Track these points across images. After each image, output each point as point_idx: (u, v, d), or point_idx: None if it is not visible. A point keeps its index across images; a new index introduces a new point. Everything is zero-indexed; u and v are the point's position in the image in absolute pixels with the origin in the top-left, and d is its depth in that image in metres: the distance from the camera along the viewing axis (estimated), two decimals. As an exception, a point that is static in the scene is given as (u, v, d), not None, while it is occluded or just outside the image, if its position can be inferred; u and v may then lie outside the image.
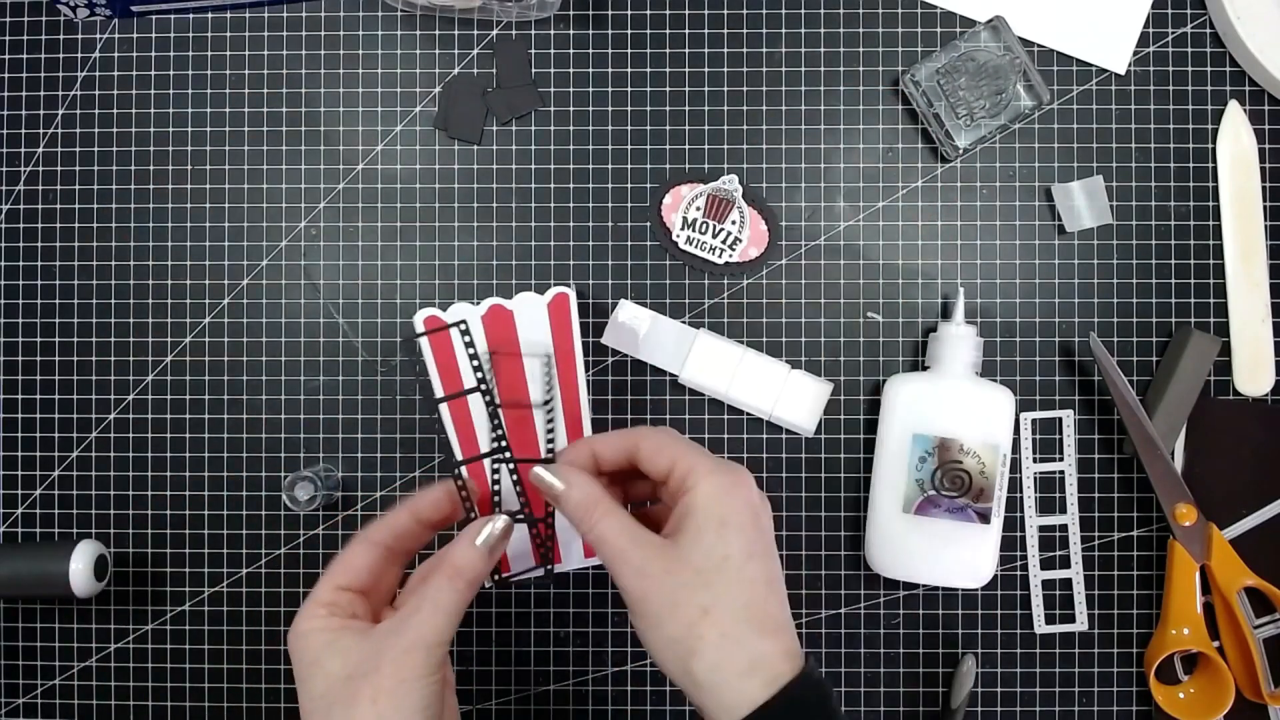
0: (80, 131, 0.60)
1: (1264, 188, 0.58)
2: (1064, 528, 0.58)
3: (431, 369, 0.54)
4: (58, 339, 0.60)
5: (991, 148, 0.59)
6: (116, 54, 0.60)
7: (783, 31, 0.59)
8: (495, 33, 0.59)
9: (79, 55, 0.60)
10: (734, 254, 0.58)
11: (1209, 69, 0.58)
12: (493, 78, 0.59)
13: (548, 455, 0.52)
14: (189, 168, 0.60)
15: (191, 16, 0.59)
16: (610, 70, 0.59)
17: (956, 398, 0.55)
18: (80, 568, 0.54)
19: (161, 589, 0.59)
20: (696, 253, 0.58)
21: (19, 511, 0.59)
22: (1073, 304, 0.59)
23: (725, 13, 0.59)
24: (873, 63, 0.59)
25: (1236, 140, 0.58)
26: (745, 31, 0.59)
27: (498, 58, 0.59)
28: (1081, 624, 0.58)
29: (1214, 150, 0.58)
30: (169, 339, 0.59)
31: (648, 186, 0.59)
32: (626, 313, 0.57)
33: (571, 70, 0.59)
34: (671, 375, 0.58)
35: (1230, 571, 0.56)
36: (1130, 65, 0.58)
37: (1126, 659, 0.58)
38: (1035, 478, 0.58)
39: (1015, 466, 0.58)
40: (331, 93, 0.59)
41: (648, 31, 0.59)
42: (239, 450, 0.59)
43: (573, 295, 0.54)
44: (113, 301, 0.59)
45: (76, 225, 0.60)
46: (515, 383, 0.54)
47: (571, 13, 0.59)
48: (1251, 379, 0.58)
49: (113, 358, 0.59)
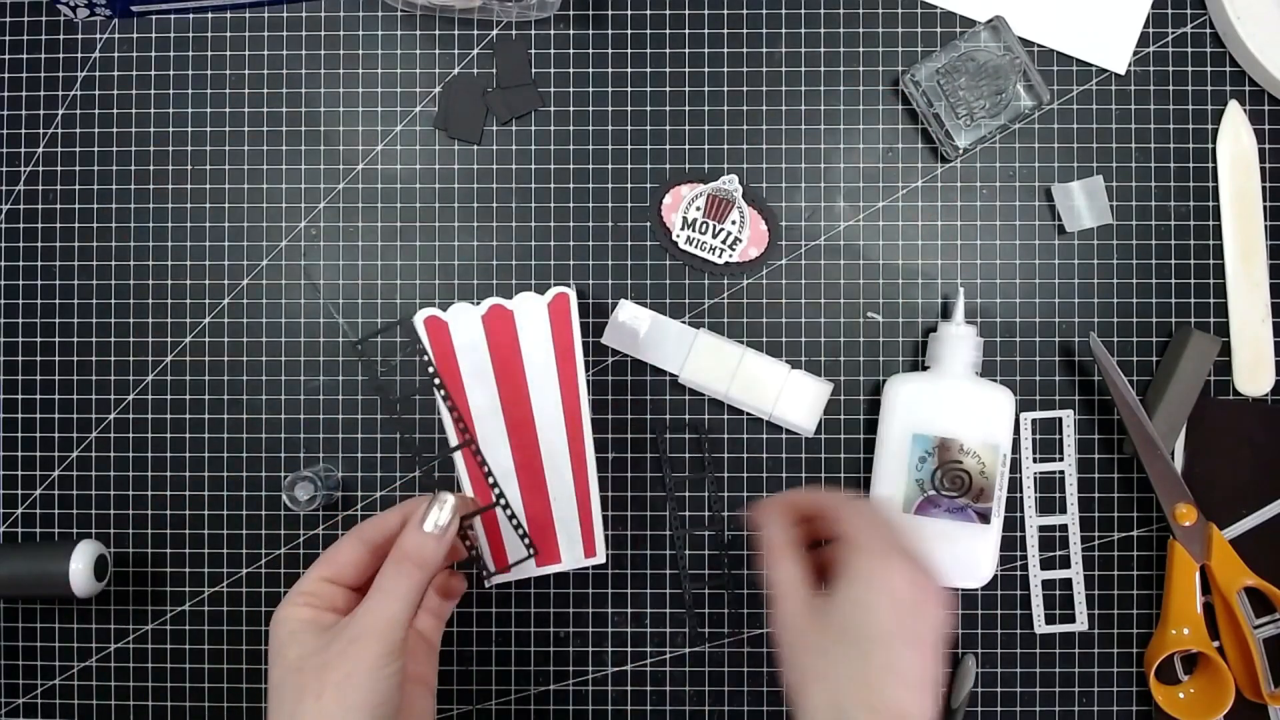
0: (80, 131, 0.60)
1: (1264, 188, 0.58)
2: (1064, 528, 0.58)
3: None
4: (58, 339, 0.60)
5: (991, 148, 0.59)
6: (116, 54, 0.60)
7: (783, 31, 0.59)
8: (495, 33, 0.59)
9: (79, 55, 0.60)
10: (734, 254, 0.58)
11: (1209, 69, 0.58)
12: (493, 78, 0.59)
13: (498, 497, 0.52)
14: (189, 168, 0.60)
15: (191, 16, 0.59)
16: (610, 70, 0.59)
17: (956, 398, 0.55)
18: (80, 568, 0.54)
19: (161, 589, 0.59)
20: (696, 253, 0.58)
21: (19, 511, 0.59)
22: (1073, 304, 0.59)
23: (725, 13, 0.59)
24: (873, 63, 0.59)
25: (1236, 140, 0.58)
26: (745, 31, 0.59)
27: (498, 58, 0.59)
28: (1081, 624, 0.58)
29: (1214, 150, 0.58)
30: (169, 339, 0.59)
31: (648, 186, 0.59)
32: (626, 313, 0.57)
33: (571, 70, 0.59)
34: (671, 375, 0.58)
35: (1230, 571, 0.56)
36: (1130, 65, 0.58)
37: (1126, 659, 0.58)
38: (1035, 478, 0.58)
39: (1015, 466, 0.58)
40: (331, 93, 0.59)
41: (648, 31, 0.59)
42: (239, 450, 0.59)
43: (573, 295, 0.54)
44: (113, 301, 0.59)
45: (76, 225, 0.60)
46: (519, 389, 0.54)
47: (571, 13, 0.59)
48: (1251, 379, 0.58)
49: (113, 358, 0.59)
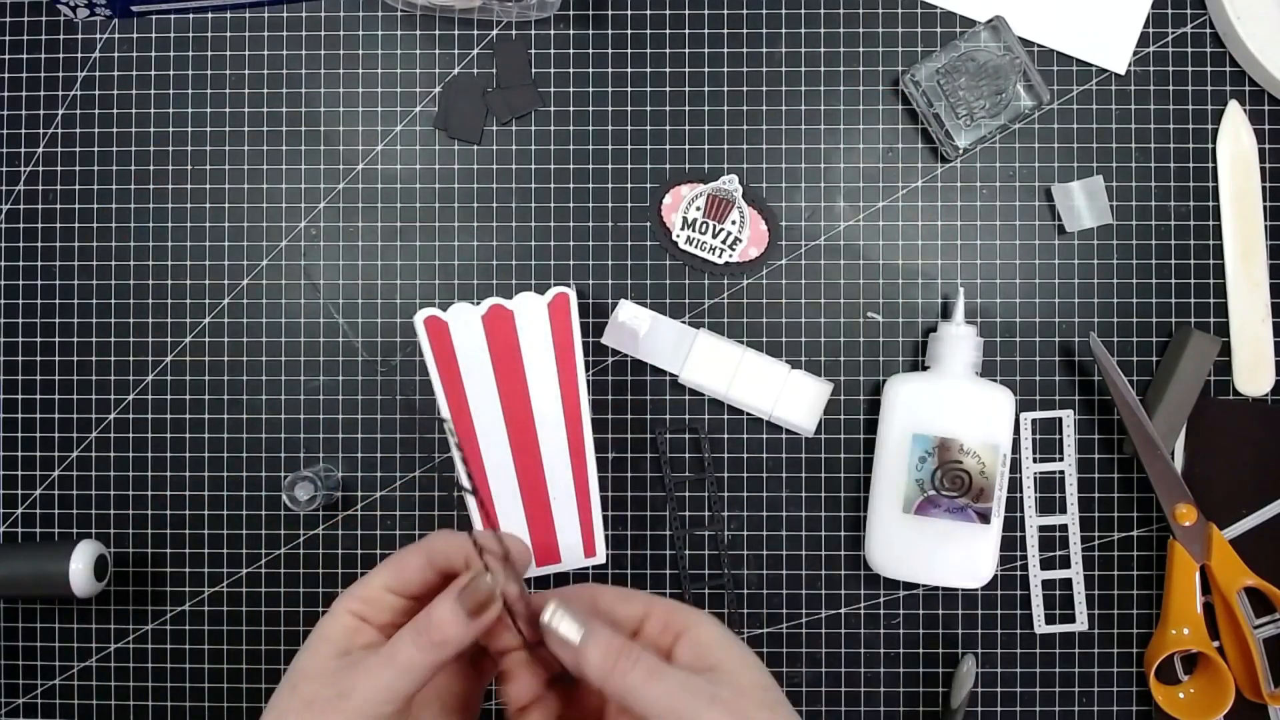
0: (80, 131, 0.60)
1: (1264, 188, 0.58)
2: (1064, 528, 0.58)
3: (431, 367, 0.54)
4: (58, 339, 0.60)
5: (991, 148, 0.59)
6: (116, 54, 0.60)
7: (783, 31, 0.59)
8: (495, 33, 0.59)
9: (79, 55, 0.60)
10: (734, 254, 0.58)
11: (1209, 69, 0.58)
12: (493, 78, 0.59)
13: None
14: (189, 168, 0.60)
15: (191, 16, 0.59)
16: (610, 70, 0.59)
17: (956, 398, 0.55)
18: (80, 568, 0.54)
19: (161, 589, 0.59)
20: (696, 253, 0.58)
21: (19, 511, 0.59)
22: (1073, 304, 0.59)
23: (725, 13, 0.59)
24: (873, 63, 0.59)
25: (1236, 140, 0.58)
26: (745, 31, 0.59)
27: (498, 58, 0.59)
28: (1081, 624, 0.58)
29: (1214, 150, 0.58)
30: (169, 339, 0.59)
31: (648, 186, 0.59)
32: (626, 313, 0.57)
33: (571, 70, 0.59)
34: (671, 375, 0.58)
35: (1230, 571, 0.56)
36: (1130, 65, 0.58)
37: (1126, 659, 0.58)
38: (1035, 478, 0.58)
39: (1015, 466, 0.58)
40: (331, 93, 0.59)
41: (648, 31, 0.59)
42: (239, 450, 0.59)
43: (573, 295, 0.54)
44: (113, 301, 0.59)
45: (76, 225, 0.60)
46: (520, 392, 0.54)
47: (571, 13, 0.59)
48: (1251, 379, 0.58)
49: (113, 358, 0.59)
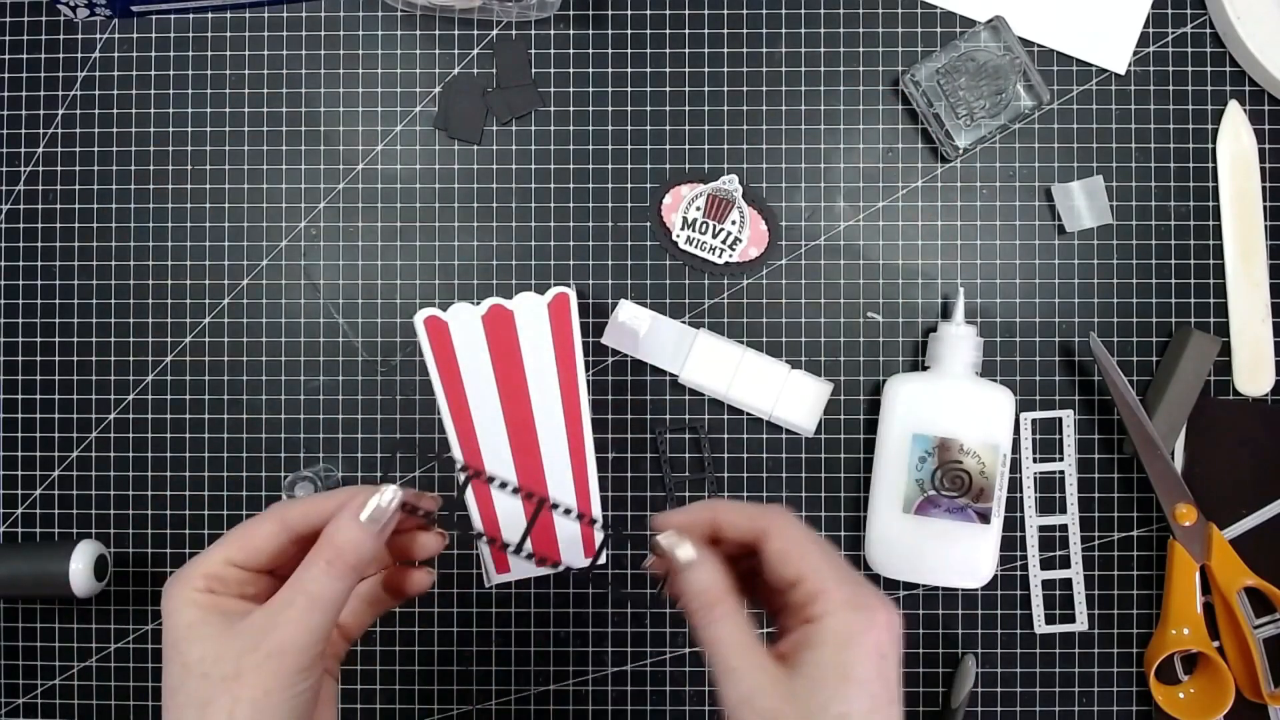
0: (80, 131, 0.60)
1: (1264, 188, 0.58)
2: (1064, 528, 0.58)
3: (431, 367, 0.54)
4: (58, 339, 0.60)
5: (991, 148, 0.59)
6: (116, 54, 0.60)
7: (783, 31, 0.59)
8: (495, 33, 0.59)
9: (79, 55, 0.60)
10: (734, 254, 0.58)
11: (1209, 69, 0.58)
12: (493, 78, 0.59)
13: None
14: (189, 168, 0.60)
15: (191, 16, 0.59)
16: (610, 70, 0.59)
17: (956, 398, 0.55)
18: (80, 568, 0.54)
19: (161, 589, 0.59)
20: (696, 253, 0.58)
21: (19, 511, 0.59)
22: (1073, 304, 0.59)
23: (725, 13, 0.59)
24: (873, 63, 0.59)
25: (1236, 140, 0.58)
26: (745, 31, 0.59)
27: (498, 58, 0.59)
28: (1081, 624, 0.58)
29: (1214, 150, 0.58)
30: (169, 339, 0.59)
31: (648, 186, 0.59)
32: (626, 313, 0.57)
33: (571, 70, 0.59)
34: (671, 375, 0.58)
35: (1230, 571, 0.56)
36: (1130, 65, 0.58)
37: (1126, 659, 0.58)
38: (1035, 478, 0.58)
39: (1015, 466, 0.58)
40: (331, 93, 0.59)
41: (648, 31, 0.59)
42: (239, 450, 0.59)
43: (573, 295, 0.54)
44: (113, 301, 0.59)
45: (76, 225, 0.60)
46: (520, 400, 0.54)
47: (571, 13, 0.59)
48: (1251, 379, 0.58)
49: (113, 358, 0.59)
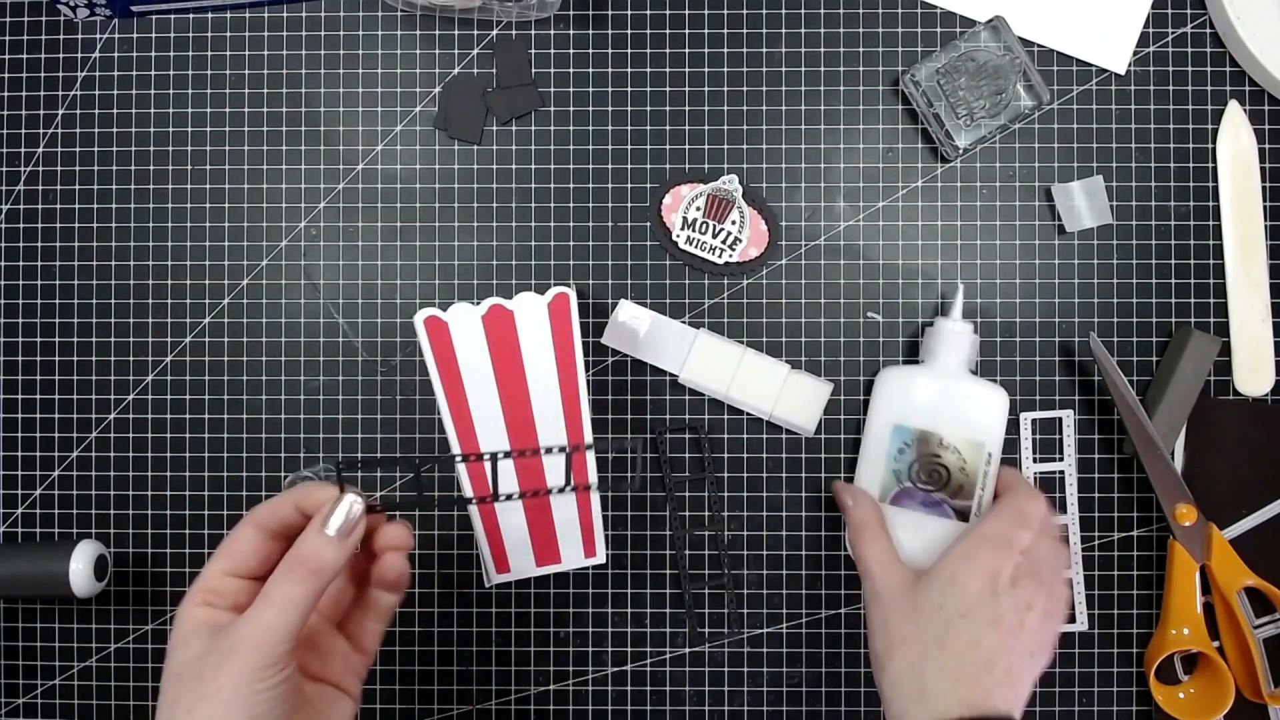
0: (80, 131, 0.60)
1: (1264, 188, 0.58)
2: (1064, 528, 0.58)
3: (431, 367, 0.54)
4: (58, 339, 0.60)
5: (991, 148, 0.59)
6: (116, 54, 0.60)
7: (783, 31, 0.59)
8: (495, 33, 0.59)
9: (79, 55, 0.60)
10: (734, 254, 0.58)
11: (1209, 69, 0.58)
12: (493, 78, 0.59)
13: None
14: (189, 168, 0.60)
15: (191, 16, 0.59)
16: (610, 70, 0.59)
17: (944, 392, 0.54)
18: (80, 568, 0.54)
19: (161, 589, 0.59)
20: (696, 253, 0.58)
21: (19, 511, 0.59)
22: (1073, 304, 0.59)
23: (725, 13, 0.59)
24: (873, 63, 0.59)
25: (1236, 140, 0.58)
26: (745, 31, 0.59)
27: (498, 58, 0.59)
28: (1081, 624, 0.58)
29: (1214, 150, 0.58)
30: (169, 339, 0.59)
31: (648, 186, 0.59)
32: (626, 313, 0.57)
33: (571, 70, 0.59)
34: (671, 375, 0.58)
35: (1230, 571, 0.56)
36: (1130, 65, 0.58)
37: (1126, 659, 0.58)
38: (1035, 478, 0.58)
39: (1015, 467, 0.58)
40: (331, 93, 0.59)
41: (648, 31, 0.59)
42: (239, 450, 0.59)
43: (573, 295, 0.54)
44: (113, 301, 0.59)
45: (76, 225, 0.60)
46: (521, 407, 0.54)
47: (571, 13, 0.59)
48: (1251, 379, 0.58)
49: (113, 358, 0.59)
